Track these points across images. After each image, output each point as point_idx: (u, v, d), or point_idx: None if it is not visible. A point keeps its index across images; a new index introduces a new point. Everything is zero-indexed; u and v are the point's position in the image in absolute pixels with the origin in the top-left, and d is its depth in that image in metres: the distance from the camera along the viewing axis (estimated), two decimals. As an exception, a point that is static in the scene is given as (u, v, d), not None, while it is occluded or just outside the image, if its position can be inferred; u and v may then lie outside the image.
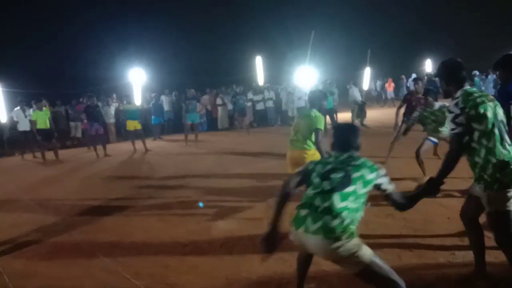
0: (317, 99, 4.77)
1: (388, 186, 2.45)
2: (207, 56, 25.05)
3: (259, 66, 14.11)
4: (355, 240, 2.26)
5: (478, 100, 2.59)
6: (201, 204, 5.55)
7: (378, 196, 2.53)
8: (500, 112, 2.65)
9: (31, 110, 11.53)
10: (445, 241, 3.76)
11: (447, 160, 2.61)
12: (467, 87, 2.71)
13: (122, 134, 14.02)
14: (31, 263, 3.99)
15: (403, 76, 20.31)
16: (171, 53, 22.25)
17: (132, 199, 6.17)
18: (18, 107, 11.32)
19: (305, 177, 2.52)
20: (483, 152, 2.57)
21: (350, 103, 14.04)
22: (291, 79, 16.13)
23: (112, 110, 13.64)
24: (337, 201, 2.30)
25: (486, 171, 2.58)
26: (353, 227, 2.28)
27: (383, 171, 2.45)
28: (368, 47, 17.59)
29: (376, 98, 21.68)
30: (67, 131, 14.30)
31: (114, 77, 15.19)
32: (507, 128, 2.68)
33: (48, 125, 10.47)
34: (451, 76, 2.78)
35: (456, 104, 2.61)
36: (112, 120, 13.67)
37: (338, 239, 2.22)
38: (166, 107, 15.21)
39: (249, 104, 15.34)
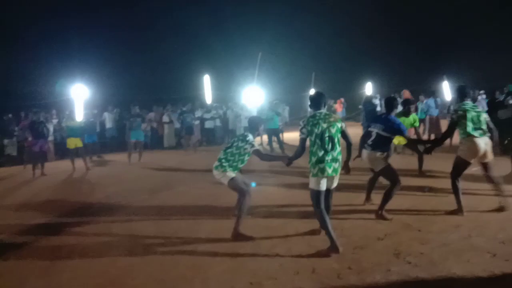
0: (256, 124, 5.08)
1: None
2: (153, 73, 24.68)
3: (207, 85, 14.10)
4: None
5: (315, 121, 4.17)
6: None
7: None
8: (332, 130, 4.13)
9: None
10: (381, 258, 3.93)
11: (297, 152, 4.35)
12: (317, 111, 4.27)
13: (59, 152, 13.35)
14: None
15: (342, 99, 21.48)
16: (115, 69, 21.66)
17: (70, 220, 5.84)
18: None
19: None
20: (311, 153, 4.17)
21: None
22: (239, 99, 16.28)
23: (51, 127, 12.97)
24: None
25: (311, 165, 4.17)
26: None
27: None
28: (313, 69, 18.21)
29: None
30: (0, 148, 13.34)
31: (54, 93, 14.50)
32: (336, 140, 4.16)
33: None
34: (311, 104, 4.39)
35: (303, 121, 4.27)
36: (51, 138, 12.98)
37: None
38: (108, 124, 14.73)
39: (197, 122, 15.22)
